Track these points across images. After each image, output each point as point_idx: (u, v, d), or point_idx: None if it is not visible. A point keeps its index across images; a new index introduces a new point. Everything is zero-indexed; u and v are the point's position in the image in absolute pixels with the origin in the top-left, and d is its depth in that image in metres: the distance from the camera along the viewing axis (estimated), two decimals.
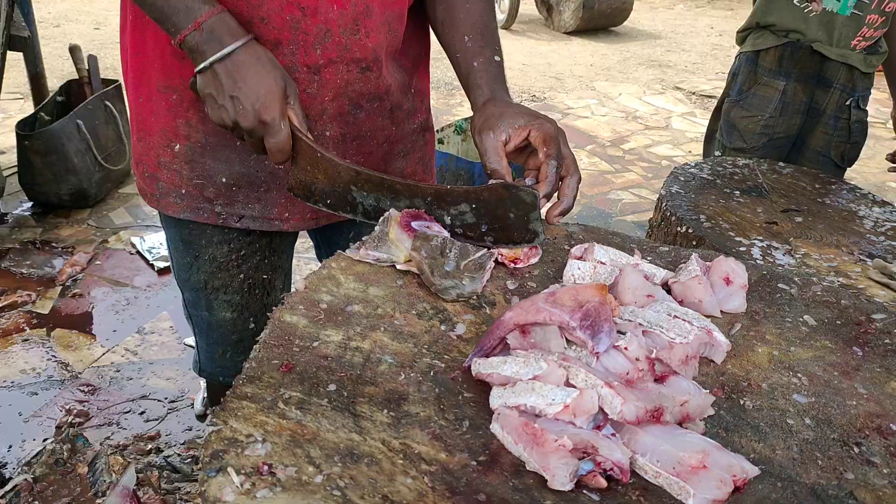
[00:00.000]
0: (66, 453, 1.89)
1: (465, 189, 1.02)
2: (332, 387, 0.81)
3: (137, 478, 1.90)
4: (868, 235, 1.84)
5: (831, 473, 0.76)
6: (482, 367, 0.83)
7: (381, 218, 1.04)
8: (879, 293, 1.56)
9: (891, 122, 2.46)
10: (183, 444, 2.20)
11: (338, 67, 1.17)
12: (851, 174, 3.22)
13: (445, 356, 0.90)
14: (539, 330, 0.84)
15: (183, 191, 1.26)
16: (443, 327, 0.95)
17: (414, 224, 1.01)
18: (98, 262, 3.14)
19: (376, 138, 1.28)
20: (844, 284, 1.57)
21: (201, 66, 1.03)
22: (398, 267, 1.01)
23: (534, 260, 1.06)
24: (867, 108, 2.36)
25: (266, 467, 0.65)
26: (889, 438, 0.81)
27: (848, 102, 2.29)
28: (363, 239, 1.04)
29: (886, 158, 2.40)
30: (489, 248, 1.04)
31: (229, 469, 0.64)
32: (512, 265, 1.06)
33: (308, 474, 0.66)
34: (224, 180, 1.24)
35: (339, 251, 1.04)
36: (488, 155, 1.08)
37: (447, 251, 0.99)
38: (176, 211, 1.28)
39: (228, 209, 1.26)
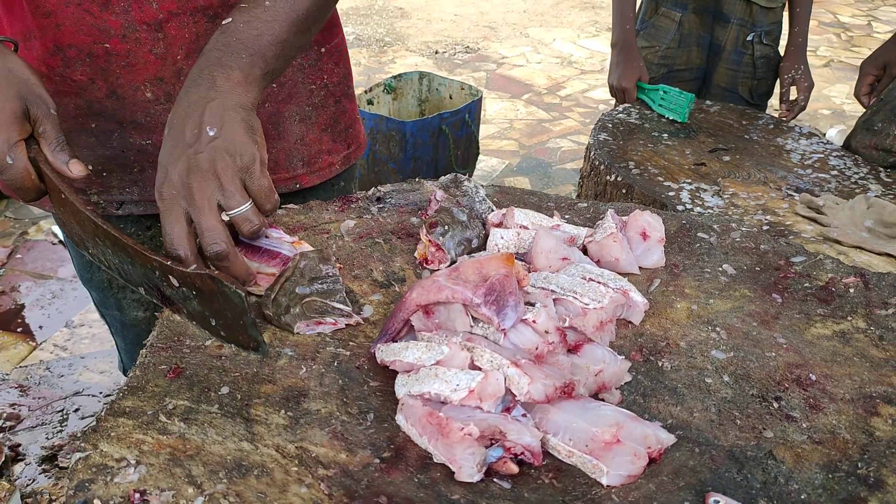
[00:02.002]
0: None
1: (182, 272, 0.79)
2: (225, 389, 0.75)
3: (26, 503, 1.80)
4: (796, 169, 1.83)
5: (750, 433, 0.73)
6: (385, 353, 0.77)
7: None
8: (807, 228, 1.55)
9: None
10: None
11: (182, 20, 1.03)
12: None
13: (351, 343, 0.84)
14: (443, 309, 0.79)
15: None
16: None
17: (259, 243, 0.91)
18: (19, 256, 2.98)
19: None
20: (772, 222, 1.56)
21: None
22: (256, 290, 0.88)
23: (444, 265, 0.95)
24: (776, 43, 2.31)
25: (137, 495, 0.59)
26: (808, 389, 0.78)
27: (750, 38, 2.24)
28: None
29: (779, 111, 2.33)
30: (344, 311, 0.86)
31: (95, 502, 0.58)
32: (424, 264, 0.97)
33: (187, 497, 0.60)
34: (91, 167, 1.12)
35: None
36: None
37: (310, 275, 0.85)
38: (52, 206, 1.16)
39: (105, 196, 1.15)
